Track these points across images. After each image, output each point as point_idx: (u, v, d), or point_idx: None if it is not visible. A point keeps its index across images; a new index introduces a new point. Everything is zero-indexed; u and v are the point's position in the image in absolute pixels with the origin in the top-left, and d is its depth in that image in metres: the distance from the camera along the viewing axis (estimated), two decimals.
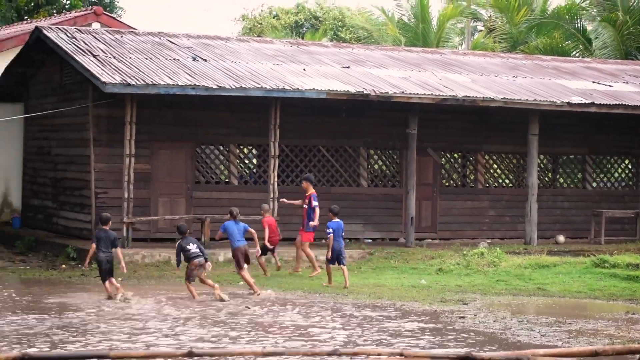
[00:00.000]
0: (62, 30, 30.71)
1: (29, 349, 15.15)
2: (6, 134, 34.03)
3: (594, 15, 51.04)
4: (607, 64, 38.55)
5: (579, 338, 17.18)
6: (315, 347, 15.96)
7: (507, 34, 51.67)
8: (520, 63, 36.26)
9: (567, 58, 42.05)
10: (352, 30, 59.48)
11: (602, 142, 34.27)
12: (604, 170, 35.24)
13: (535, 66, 35.74)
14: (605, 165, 35.23)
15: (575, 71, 35.63)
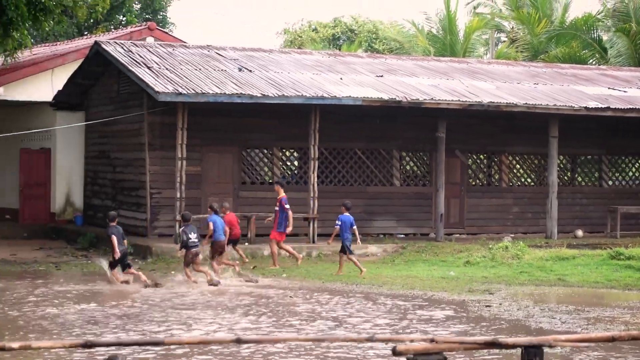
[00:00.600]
0: (119, 44, 30.88)
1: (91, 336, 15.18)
2: (69, 139, 34.27)
3: (609, 26, 50.86)
4: (622, 71, 38.39)
5: (596, 325, 17.15)
6: (353, 333, 15.90)
7: (529, 44, 51.49)
8: (541, 71, 36.12)
9: (584, 66, 41.89)
10: (385, 42, 59.41)
11: (617, 144, 34.10)
12: (619, 170, 35.09)
13: (554, 74, 35.60)
14: (620, 165, 35.06)
15: (592, 78, 35.45)
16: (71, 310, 18.35)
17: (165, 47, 32.07)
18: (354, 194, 30.54)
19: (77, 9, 42.69)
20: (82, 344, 6.23)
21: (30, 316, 17.55)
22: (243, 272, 22.92)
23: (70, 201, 34.73)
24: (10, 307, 18.61)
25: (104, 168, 32.64)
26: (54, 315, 17.64)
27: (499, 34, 57.01)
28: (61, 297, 20.16)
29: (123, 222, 29.66)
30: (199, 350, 14.24)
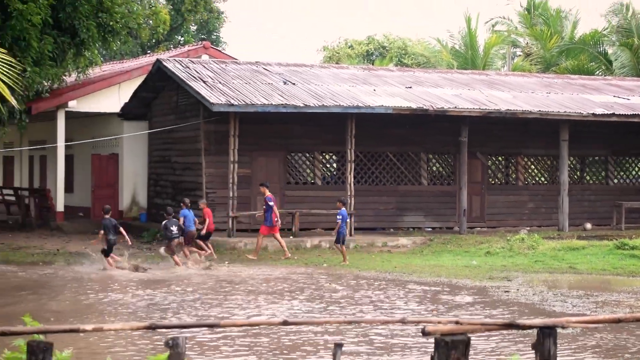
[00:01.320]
0: (177, 61, 31.02)
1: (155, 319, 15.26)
2: (134, 146, 34.45)
3: (614, 40, 50.65)
4: (625, 81, 38.10)
5: (604, 308, 17.06)
6: (387, 316, 15.89)
7: (542, 58, 51.29)
8: (553, 81, 35.92)
9: (591, 77, 41.62)
10: (413, 57, 59.32)
11: (621, 146, 33.84)
12: (623, 169, 34.83)
13: (565, 84, 35.41)
14: (624, 165, 34.79)
15: (599, 87, 35.23)
16: (136, 295, 18.50)
17: (218, 63, 32.20)
18: (386, 193, 30.60)
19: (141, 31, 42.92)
20: (148, 326, 6.25)
21: (101, 301, 17.70)
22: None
23: (136, 200, 34.92)
24: (82, 294, 18.76)
25: (165, 171, 32.80)
26: (121, 301, 17.79)
27: (514, 49, 56.66)
28: (128, 284, 20.31)
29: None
30: (253, 331, 14.28)
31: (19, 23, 25.56)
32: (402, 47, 63.26)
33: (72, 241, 28.78)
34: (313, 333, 14.29)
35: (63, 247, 26.44)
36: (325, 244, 27.11)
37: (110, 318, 15.75)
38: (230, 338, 13.92)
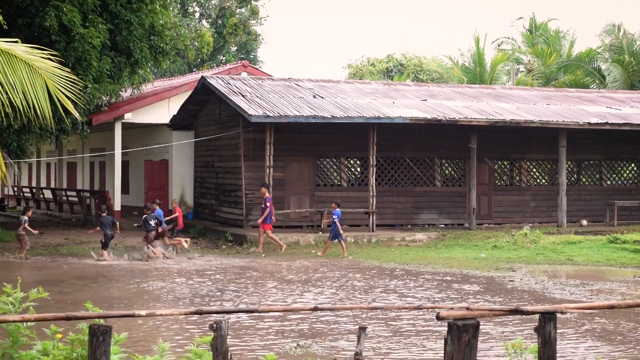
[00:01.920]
0: (220, 78, 31.16)
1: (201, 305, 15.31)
2: (182, 152, 34.64)
3: (607, 58, 50.45)
4: (617, 94, 37.92)
5: (599, 295, 17.01)
6: (405, 303, 15.88)
7: (542, 73, 51.13)
8: (552, 94, 35.80)
9: (587, 90, 41.55)
10: (427, 73, 59.30)
11: (614, 151, 33.62)
12: (615, 172, 34.60)
13: (563, 96, 35.29)
14: (617, 168, 34.57)
15: (593, 99, 35.07)
16: (185, 282, 18.58)
17: (255, 79, 32.32)
18: (404, 193, 30.58)
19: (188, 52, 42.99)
20: (195, 311, 6.27)
21: (153, 288, 17.79)
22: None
23: (184, 200, 35.07)
24: (135, 283, 18.86)
25: (209, 175, 32.94)
26: (170, 288, 17.88)
27: (518, 65, 56.51)
28: (178, 273, 20.40)
29: (224, 216, 29.96)
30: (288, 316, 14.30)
31: (81, 45, 25.74)
32: (418, 64, 63.21)
33: (128, 237, 28.91)
34: (340, 318, 14.29)
35: (120, 242, 26.59)
36: (350, 239, 27.06)
37: (159, 304, 15.83)
38: (265, 322, 13.95)
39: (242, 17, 58.65)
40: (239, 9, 59.00)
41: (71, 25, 25.53)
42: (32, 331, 6.97)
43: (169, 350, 7.30)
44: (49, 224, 34.97)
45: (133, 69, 30.07)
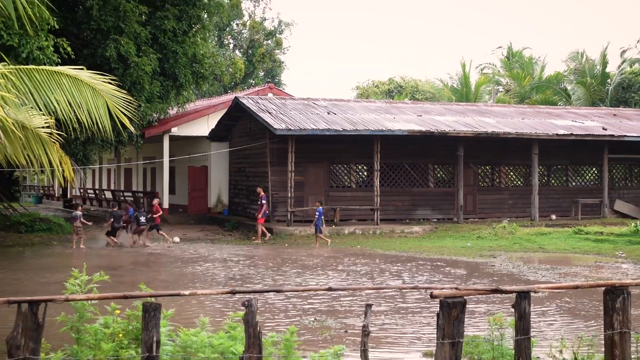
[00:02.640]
0: (250, 98, 31.24)
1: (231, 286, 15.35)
2: (219, 160, 34.75)
3: (572, 79, 50.42)
4: (581, 110, 37.83)
5: (566, 277, 16.96)
6: (404, 284, 15.87)
7: (518, 93, 51.04)
8: (526, 110, 35.66)
9: (555, 107, 41.44)
10: (422, 93, 59.12)
11: (578, 157, 33.48)
12: (579, 175, 34.45)
13: (535, 112, 35.16)
14: (580, 172, 34.41)
15: (561, 114, 34.96)
16: (220, 266, 18.63)
17: (279, 99, 32.33)
18: (403, 193, 30.54)
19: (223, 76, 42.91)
20: (229, 291, 6.27)
21: (194, 272, 17.84)
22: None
23: (220, 199, 35.16)
24: (179, 267, 18.92)
25: (241, 178, 32.97)
26: (210, 269, 17.94)
27: (498, 86, 56.33)
28: (213, 258, 20.45)
29: (254, 213, 29.97)
30: (305, 295, 14.32)
31: (135, 71, 25.85)
32: (414, 86, 63.01)
33: (174, 229, 29.00)
34: (349, 297, 14.29)
35: (168, 234, 26.65)
36: (358, 231, 27.09)
37: (199, 285, 15.85)
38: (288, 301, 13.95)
39: (268, 48, 58.82)
40: (265, 41, 59.18)
41: (127, 55, 25.64)
42: (95, 308, 7.00)
43: (208, 323, 7.31)
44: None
45: (178, 91, 30.16)
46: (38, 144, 9.26)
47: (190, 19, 28.63)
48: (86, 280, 7.19)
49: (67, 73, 9.20)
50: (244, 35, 59.71)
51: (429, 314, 12.50)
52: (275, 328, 11.04)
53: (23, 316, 5.39)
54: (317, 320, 12.12)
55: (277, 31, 59.85)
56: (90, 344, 6.64)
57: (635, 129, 32.67)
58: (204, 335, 6.80)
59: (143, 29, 26.53)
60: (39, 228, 27.95)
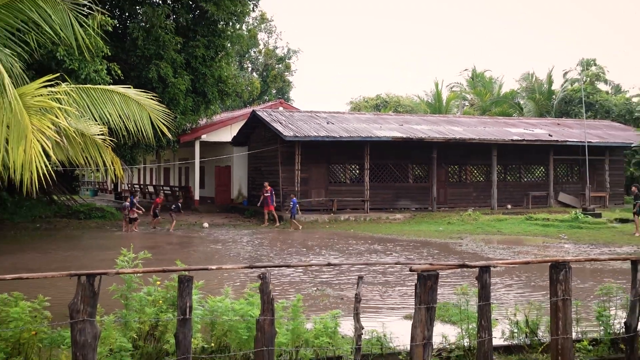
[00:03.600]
0: (264, 111, 31.14)
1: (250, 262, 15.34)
2: (240, 161, 34.64)
3: (524, 95, 50.33)
4: (531, 120, 37.69)
5: (519, 255, 16.91)
6: (389, 260, 15.85)
7: (480, 107, 50.98)
8: (487, 120, 35.57)
9: (510, 117, 41.26)
10: (403, 106, 58.93)
11: (529, 158, 33.35)
12: (530, 172, 34.35)
13: (495, 122, 35.08)
14: (530, 170, 34.32)
15: (515, 124, 34.86)
16: (241, 247, 18.63)
17: (288, 112, 32.26)
18: (388, 187, 30.47)
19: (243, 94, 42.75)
20: (248, 266, 6.27)
21: (220, 249, 17.85)
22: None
23: (241, 192, 35.10)
24: (208, 247, 18.92)
25: (257, 176, 32.85)
26: (232, 249, 17.94)
27: (464, 101, 56.26)
28: (235, 240, 20.44)
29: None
30: (309, 269, 14.31)
31: (172, 90, 25.87)
32: (397, 101, 62.78)
33: (204, 217, 28.96)
34: (343, 271, 14.28)
35: (199, 220, 26.66)
36: (352, 218, 27.04)
37: (225, 260, 15.85)
38: (295, 274, 13.95)
39: (279, 71, 58.73)
40: (277, 65, 59.07)
41: (166, 77, 25.65)
42: (140, 280, 7.00)
43: (231, 292, 7.31)
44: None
45: (207, 105, 30.18)
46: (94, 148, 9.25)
47: (216, 47, 28.64)
48: (132, 258, 7.19)
49: (118, 91, 9.20)
50: (260, 60, 59.62)
51: (409, 285, 12.50)
52: (285, 296, 11.04)
53: (82, 286, 5.40)
54: (318, 289, 12.12)
55: (287, 57, 59.75)
56: (136, 309, 6.65)
57: (574, 136, 32.61)
58: (227, 302, 6.80)
59: (178, 55, 26.51)
60: (95, 216, 27.96)
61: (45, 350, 6.35)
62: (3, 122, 6.94)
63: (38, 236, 21.87)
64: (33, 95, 7.39)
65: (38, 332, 6.25)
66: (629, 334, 6.67)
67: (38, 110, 7.21)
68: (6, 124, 6.91)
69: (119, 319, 6.50)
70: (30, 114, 6.92)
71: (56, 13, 8.39)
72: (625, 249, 18.14)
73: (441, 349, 7.29)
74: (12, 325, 6.15)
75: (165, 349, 6.38)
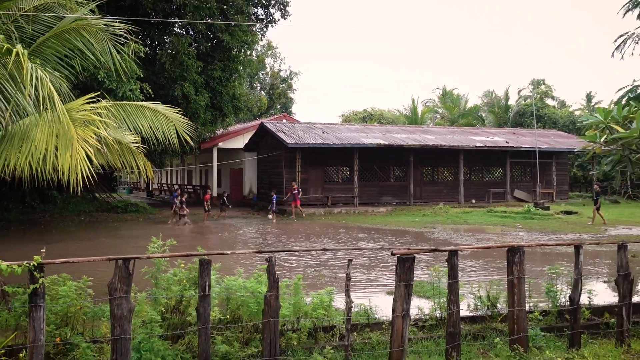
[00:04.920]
0: (271, 123, 31.07)
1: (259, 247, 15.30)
2: (250, 165, 34.51)
3: (485, 109, 50.33)
4: (491, 129, 37.67)
5: (482, 241, 16.86)
6: (374, 245, 15.82)
7: (449, 119, 50.89)
8: (455, 130, 35.54)
9: (474, 127, 41.27)
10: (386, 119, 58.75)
11: (490, 161, 33.31)
12: (490, 173, 34.29)
13: (462, 131, 35.07)
14: (491, 171, 34.26)
15: (478, 133, 34.85)
16: (251, 235, 18.56)
17: (290, 124, 32.14)
18: (373, 185, 30.40)
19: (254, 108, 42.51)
20: (258, 251, 6.26)
21: (233, 237, 17.80)
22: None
23: (252, 190, 35.01)
24: (224, 235, 18.85)
25: (265, 176, 32.70)
26: (244, 237, 17.88)
27: (436, 114, 56.25)
28: (246, 230, 20.38)
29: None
30: (306, 254, 14.28)
31: (194, 105, 25.80)
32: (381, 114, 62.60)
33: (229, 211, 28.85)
34: (336, 255, 14.25)
35: (217, 214, 26.60)
36: (344, 211, 26.97)
37: (239, 246, 15.81)
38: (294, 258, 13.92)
39: (283, 89, 58.63)
40: (281, 85, 59.00)
41: (189, 95, 25.58)
42: (167, 263, 6.99)
43: (243, 272, 7.30)
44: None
45: (223, 118, 30.08)
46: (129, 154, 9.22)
47: (230, 70, 28.56)
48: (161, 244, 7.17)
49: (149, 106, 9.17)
50: (267, 81, 59.54)
51: (391, 266, 12.49)
52: (287, 275, 11.03)
53: (119, 269, 5.38)
54: (316, 270, 12.10)
55: (289, 78, 59.67)
56: (164, 287, 6.63)
57: (527, 143, 32.61)
58: (240, 281, 6.79)
59: (199, 77, 26.45)
60: (130, 210, 27.88)
61: (89, 322, 6.34)
62: (53, 132, 6.92)
63: (82, 227, 21.81)
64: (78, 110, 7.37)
65: (82, 307, 6.24)
66: (573, 306, 6.68)
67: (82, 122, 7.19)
68: (55, 134, 6.89)
69: (150, 296, 6.49)
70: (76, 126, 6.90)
71: (97, 42, 8.38)
72: (569, 236, 18.17)
73: (417, 319, 7.29)
74: (60, 301, 6.13)
75: (189, 321, 6.37)
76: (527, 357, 6.22)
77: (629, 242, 7.14)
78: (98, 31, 8.32)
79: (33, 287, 5.12)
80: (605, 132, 8.21)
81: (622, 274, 6.88)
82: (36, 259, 5.25)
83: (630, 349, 6.63)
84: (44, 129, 6.95)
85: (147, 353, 5.74)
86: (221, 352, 5.97)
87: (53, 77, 7.96)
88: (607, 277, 11.48)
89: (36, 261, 5.23)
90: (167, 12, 25.50)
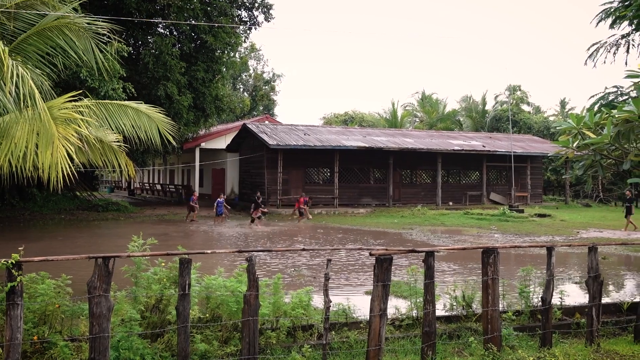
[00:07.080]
0: (253, 124, 30.96)
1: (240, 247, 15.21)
2: (233, 165, 34.35)
3: (463, 114, 50.72)
4: (469, 134, 38.05)
5: (458, 243, 16.97)
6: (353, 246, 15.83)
7: (428, 123, 51.22)
8: (434, 134, 35.83)
9: (452, 132, 41.53)
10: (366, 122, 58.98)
11: (467, 165, 33.64)
12: (467, 176, 34.64)
13: (440, 135, 35.35)
14: (468, 174, 34.62)
15: (456, 137, 35.16)
16: (231, 234, 18.45)
17: (273, 125, 32.07)
18: (353, 187, 30.49)
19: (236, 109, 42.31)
20: (237, 250, 6.22)
21: (215, 239, 17.65)
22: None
23: (233, 190, 34.84)
24: (207, 236, 18.71)
25: (247, 177, 32.55)
26: (225, 236, 17.76)
27: (415, 118, 56.59)
28: (227, 230, 20.26)
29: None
30: (287, 253, 14.24)
31: (177, 105, 25.58)
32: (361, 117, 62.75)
33: (201, 210, 28.63)
34: (317, 255, 14.24)
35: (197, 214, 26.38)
36: (324, 212, 26.95)
37: (219, 245, 15.71)
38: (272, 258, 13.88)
39: (266, 91, 58.50)
40: (264, 86, 58.86)
41: (172, 95, 25.36)
42: (148, 262, 6.91)
43: (223, 272, 7.25)
44: (159, 203, 34.61)
45: (206, 118, 29.90)
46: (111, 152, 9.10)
47: (214, 71, 28.40)
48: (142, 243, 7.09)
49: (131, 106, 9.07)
50: (250, 82, 59.33)
51: (368, 269, 12.52)
52: (267, 275, 10.99)
53: (98, 267, 5.30)
54: (295, 270, 12.08)
55: (272, 80, 59.56)
56: (144, 286, 6.55)
57: (503, 147, 32.98)
58: (220, 280, 6.75)
59: (182, 77, 26.24)
60: (111, 209, 27.52)
61: (67, 320, 6.23)
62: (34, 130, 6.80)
63: (62, 225, 21.45)
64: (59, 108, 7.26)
65: (61, 305, 6.13)
66: (545, 307, 6.77)
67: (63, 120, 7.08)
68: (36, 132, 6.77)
69: (129, 294, 6.41)
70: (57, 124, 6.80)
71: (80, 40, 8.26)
72: (543, 238, 18.43)
73: (394, 318, 7.32)
74: (39, 299, 6.03)
75: (168, 319, 6.30)
76: (500, 356, 6.29)
77: (599, 245, 7.27)
78: (81, 30, 8.20)
79: (11, 285, 5.02)
80: (578, 137, 8.34)
81: (592, 275, 7.00)
82: (14, 257, 5.15)
83: (600, 348, 6.75)
84: (25, 127, 6.83)
85: (125, 352, 5.67)
86: (200, 350, 5.93)
87: (34, 75, 7.82)
88: (578, 278, 11.67)
89: (14, 259, 5.13)
90: (151, 12, 25.25)
